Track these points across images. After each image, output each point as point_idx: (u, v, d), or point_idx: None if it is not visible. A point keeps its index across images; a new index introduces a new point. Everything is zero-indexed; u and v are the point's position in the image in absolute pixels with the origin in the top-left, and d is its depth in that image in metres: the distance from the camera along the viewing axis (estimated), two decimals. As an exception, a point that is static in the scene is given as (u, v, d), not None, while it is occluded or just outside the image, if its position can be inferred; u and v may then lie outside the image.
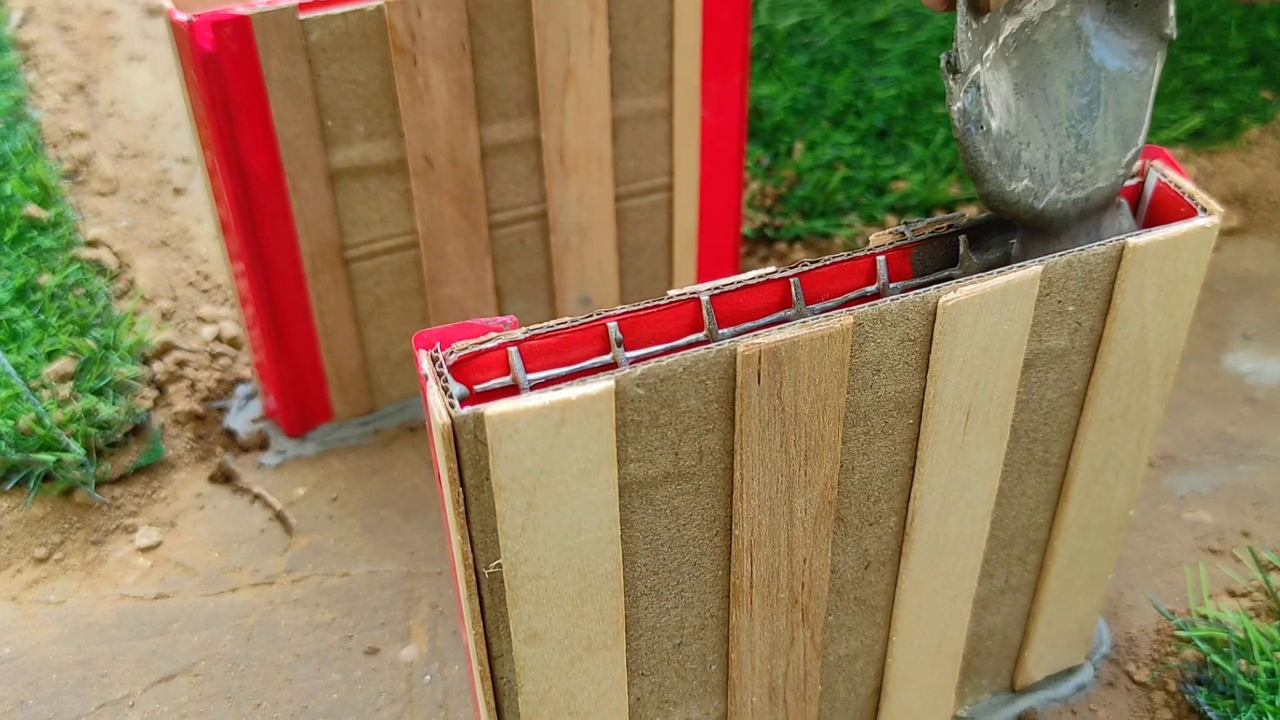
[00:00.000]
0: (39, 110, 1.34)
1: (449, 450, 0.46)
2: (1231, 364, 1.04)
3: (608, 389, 0.47)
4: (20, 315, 1.02)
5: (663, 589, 0.55)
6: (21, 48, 1.46)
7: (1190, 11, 1.54)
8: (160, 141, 1.32)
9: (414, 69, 0.83)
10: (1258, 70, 1.41)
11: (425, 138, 0.86)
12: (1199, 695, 0.75)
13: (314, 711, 0.77)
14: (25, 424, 0.90)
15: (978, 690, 0.74)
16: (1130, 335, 0.60)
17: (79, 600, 0.84)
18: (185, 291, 1.12)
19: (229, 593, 0.85)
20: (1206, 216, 0.58)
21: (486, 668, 0.52)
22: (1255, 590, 0.83)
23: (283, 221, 0.86)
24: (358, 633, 0.82)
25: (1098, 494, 0.67)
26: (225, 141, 0.81)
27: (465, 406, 0.46)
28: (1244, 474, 0.93)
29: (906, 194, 1.22)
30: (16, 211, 1.14)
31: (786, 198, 1.21)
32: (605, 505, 0.50)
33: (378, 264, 0.91)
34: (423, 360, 0.49)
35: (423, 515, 0.91)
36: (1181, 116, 1.34)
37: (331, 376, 0.95)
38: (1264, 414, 0.99)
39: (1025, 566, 0.69)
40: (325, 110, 0.83)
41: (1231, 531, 0.88)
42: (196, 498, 0.92)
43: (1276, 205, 1.23)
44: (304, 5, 0.79)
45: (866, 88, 1.37)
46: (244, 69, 0.79)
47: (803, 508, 0.55)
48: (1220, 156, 1.28)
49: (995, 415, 0.58)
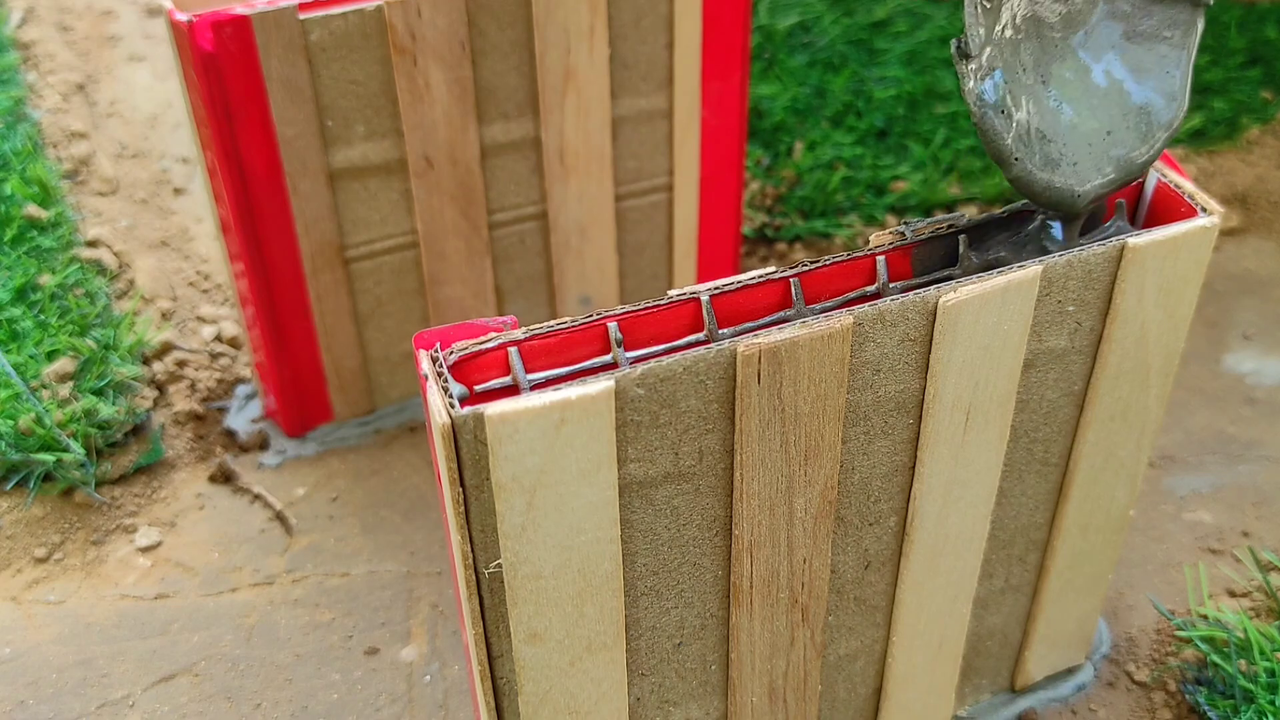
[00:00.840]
0: (39, 110, 1.34)
1: (449, 450, 0.46)
2: (1231, 364, 1.04)
3: (608, 389, 0.47)
4: (20, 315, 1.02)
5: (663, 589, 0.55)
6: (21, 48, 1.46)
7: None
8: (160, 141, 1.32)
9: (414, 69, 0.83)
10: (1258, 70, 1.41)
11: (425, 138, 0.86)
12: (1199, 695, 0.75)
13: (314, 711, 0.77)
14: (25, 424, 0.90)
15: (978, 690, 0.74)
16: (1130, 335, 0.60)
17: (79, 600, 0.84)
18: (185, 291, 1.12)
19: (229, 593, 0.85)
20: (1206, 216, 0.58)
21: (486, 668, 0.52)
22: (1255, 590, 0.83)
23: (283, 221, 0.86)
24: (358, 633, 0.82)
25: (1098, 494, 0.67)
26: (225, 141, 0.81)
27: (465, 406, 0.46)
28: (1244, 474, 0.93)
29: (906, 194, 1.22)
30: (16, 211, 1.14)
31: (786, 198, 1.21)
32: (605, 505, 0.50)
33: (378, 264, 0.91)
34: (423, 360, 0.49)
35: (423, 515, 0.91)
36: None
37: (331, 376, 0.95)
38: (1264, 414, 0.99)
39: (1025, 566, 0.69)
40: (325, 110, 0.83)
41: (1231, 531, 0.88)
42: (196, 498, 0.92)
43: (1276, 205, 1.23)
44: (304, 5, 0.79)
45: (866, 88, 1.37)
46: (244, 69, 0.79)
47: (803, 508, 0.55)
48: (1220, 156, 1.29)
49: (995, 415, 0.59)
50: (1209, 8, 0.57)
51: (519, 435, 0.46)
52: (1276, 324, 1.09)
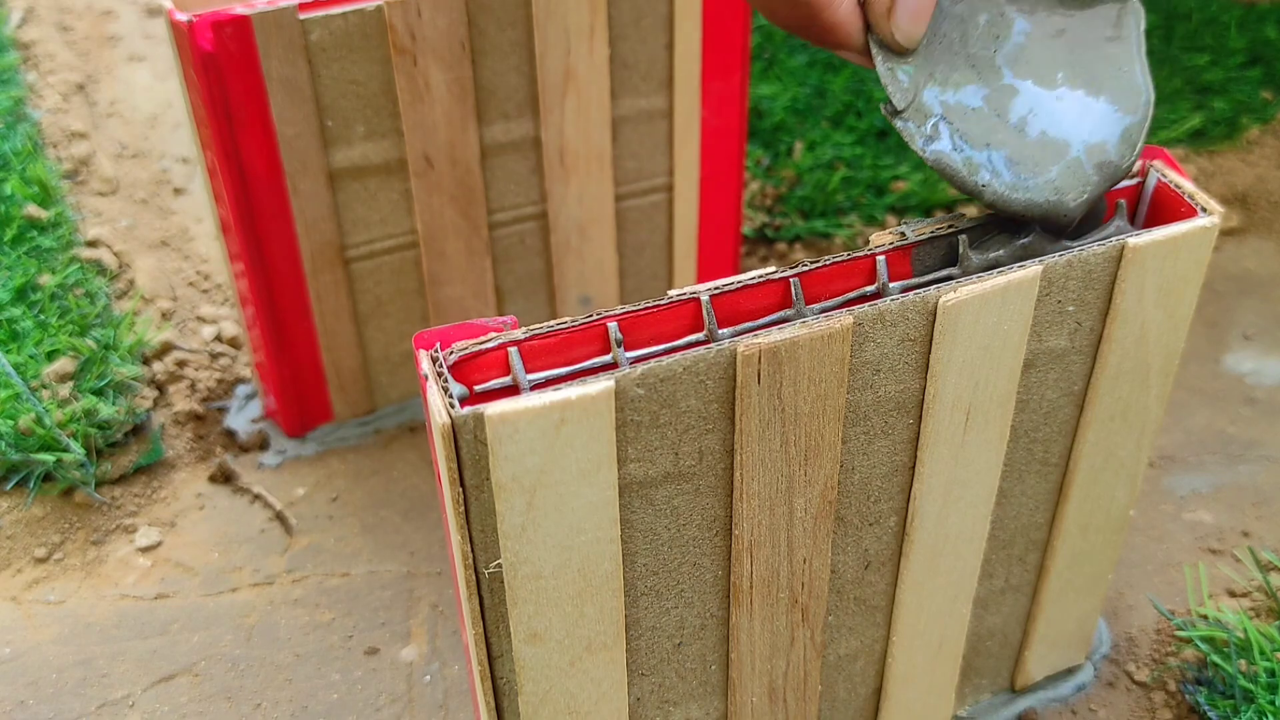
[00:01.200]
0: (39, 110, 1.34)
1: (449, 450, 0.46)
2: (1231, 364, 1.04)
3: (608, 389, 0.47)
4: (20, 315, 1.02)
5: (663, 589, 0.55)
6: (21, 48, 1.46)
7: (1190, 11, 1.55)
8: (160, 141, 1.32)
9: (414, 69, 0.83)
10: (1258, 70, 1.42)
11: (425, 138, 0.86)
12: (1199, 695, 0.75)
13: (314, 711, 0.77)
14: (25, 424, 0.90)
15: (978, 690, 0.74)
16: (1130, 335, 0.60)
17: (79, 600, 0.84)
18: (185, 291, 1.12)
19: (229, 592, 0.85)
20: (1206, 216, 0.58)
21: (486, 668, 0.52)
22: (1255, 590, 0.83)
23: (283, 221, 0.86)
24: (358, 633, 0.82)
25: (1098, 494, 0.67)
26: (225, 141, 0.81)
27: (465, 406, 0.46)
28: (1244, 474, 0.93)
29: (906, 194, 1.22)
30: (16, 211, 1.14)
31: (786, 198, 1.21)
32: (605, 505, 0.50)
33: (378, 264, 0.91)
34: (423, 360, 0.49)
35: (423, 515, 0.91)
36: (1181, 116, 1.34)
37: (331, 376, 0.95)
38: (1264, 414, 0.99)
39: (1025, 566, 0.69)
40: (325, 110, 0.83)
41: (1231, 531, 0.89)
42: (196, 498, 0.92)
43: (1276, 205, 1.23)
44: (304, 5, 0.79)
45: (866, 88, 1.37)
46: (244, 69, 0.79)
47: (803, 508, 0.55)
48: (1220, 156, 1.29)
49: (995, 415, 0.59)
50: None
51: (519, 435, 0.46)
52: (1276, 324, 1.09)
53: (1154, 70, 1.43)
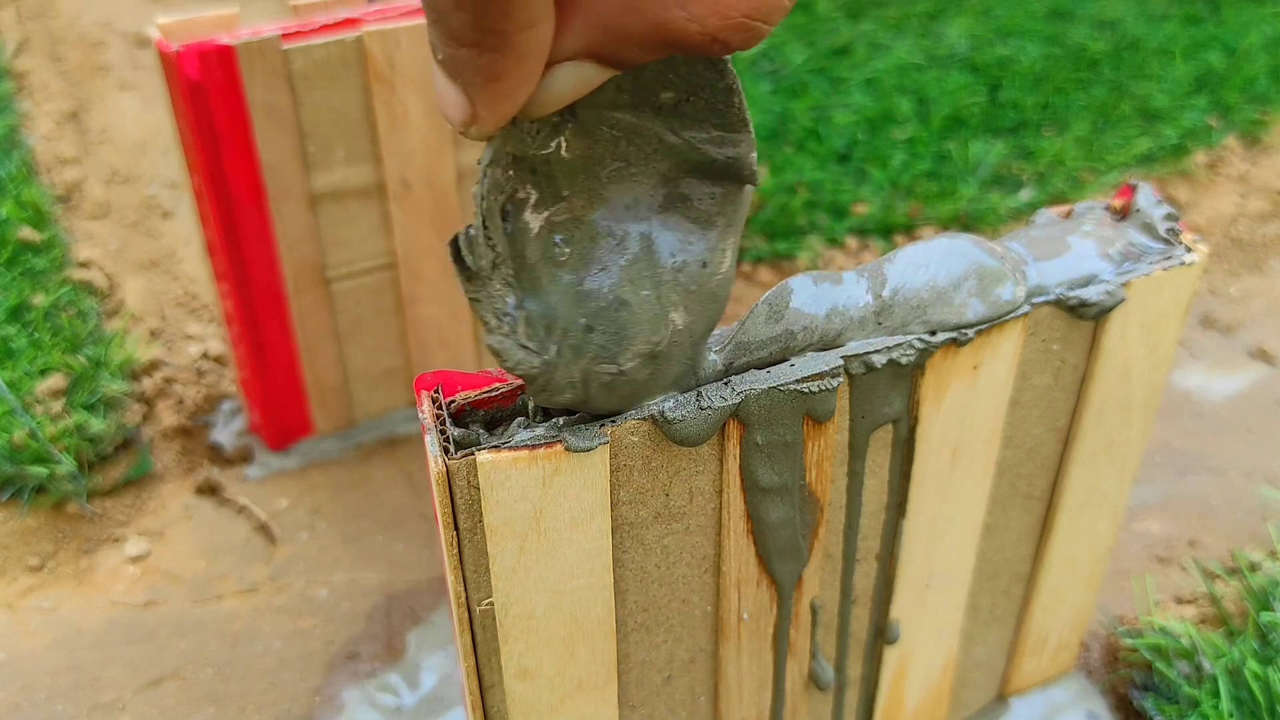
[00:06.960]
0: (32, 137, 1.34)
1: (443, 494, 0.45)
2: (1178, 380, 1.06)
3: (603, 444, 0.45)
4: (14, 334, 1.02)
5: (652, 625, 0.54)
6: (16, 77, 1.47)
7: (1138, 40, 1.57)
8: (149, 167, 1.32)
9: (393, 96, 0.84)
10: (1203, 98, 1.44)
11: (403, 162, 0.87)
12: (1146, 701, 0.75)
13: (295, 714, 0.77)
14: (19, 438, 0.91)
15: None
16: (1114, 372, 0.59)
17: (71, 608, 0.85)
18: (173, 311, 1.12)
19: (214, 600, 0.85)
20: (1188, 254, 0.57)
21: (478, 697, 0.52)
22: (1201, 597, 0.84)
23: (265, 243, 0.86)
24: (338, 639, 0.82)
25: (1081, 526, 0.66)
26: (211, 166, 0.81)
27: (460, 435, 0.45)
28: (1191, 486, 0.94)
29: (866, 217, 1.23)
30: (11, 234, 1.14)
31: (750, 220, 1.22)
32: (599, 554, 0.48)
33: (357, 284, 0.91)
34: (424, 403, 0.47)
35: (401, 526, 0.91)
36: (1129, 141, 1.36)
37: (313, 392, 0.95)
38: (1210, 428, 1.00)
39: (1009, 599, 0.68)
40: (307, 136, 0.83)
41: (1179, 541, 0.89)
42: (183, 509, 0.92)
43: (1222, 227, 1.25)
44: (287, 35, 0.80)
45: (828, 113, 1.39)
46: (229, 96, 0.79)
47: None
48: (1167, 182, 1.30)
49: (981, 452, 0.57)
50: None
51: (511, 483, 0.45)
52: (1220, 343, 1.10)
53: (1105, 97, 1.46)
